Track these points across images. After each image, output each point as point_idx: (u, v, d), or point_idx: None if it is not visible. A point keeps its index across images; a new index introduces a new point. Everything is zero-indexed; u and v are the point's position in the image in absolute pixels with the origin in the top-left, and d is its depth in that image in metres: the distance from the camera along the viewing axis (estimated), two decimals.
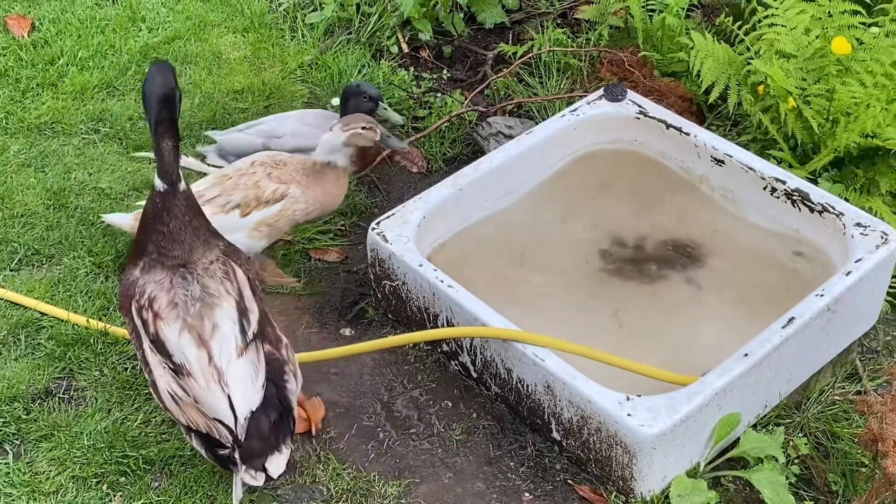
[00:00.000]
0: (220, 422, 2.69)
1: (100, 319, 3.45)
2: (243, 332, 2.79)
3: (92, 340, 3.39)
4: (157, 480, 3.03)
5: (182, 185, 2.86)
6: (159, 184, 2.84)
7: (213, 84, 4.52)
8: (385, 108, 3.93)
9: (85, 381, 3.30)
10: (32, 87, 4.46)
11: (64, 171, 4.06)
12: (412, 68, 4.70)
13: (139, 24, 4.81)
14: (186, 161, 3.99)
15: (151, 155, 4.06)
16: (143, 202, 3.62)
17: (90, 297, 3.55)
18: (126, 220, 3.55)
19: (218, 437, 2.70)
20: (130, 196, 3.95)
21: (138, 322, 2.83)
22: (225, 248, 2.96)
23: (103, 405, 3.21)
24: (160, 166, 2.83)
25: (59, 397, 3.25)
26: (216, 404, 2.69)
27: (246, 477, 2.72)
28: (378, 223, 3.46)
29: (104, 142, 4.23)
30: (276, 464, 2.74)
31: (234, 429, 2.68)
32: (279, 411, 2.78)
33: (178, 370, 2.73)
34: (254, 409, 2.71)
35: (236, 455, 2.70)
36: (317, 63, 4.65)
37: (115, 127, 4.27)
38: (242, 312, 2.82)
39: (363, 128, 3.47)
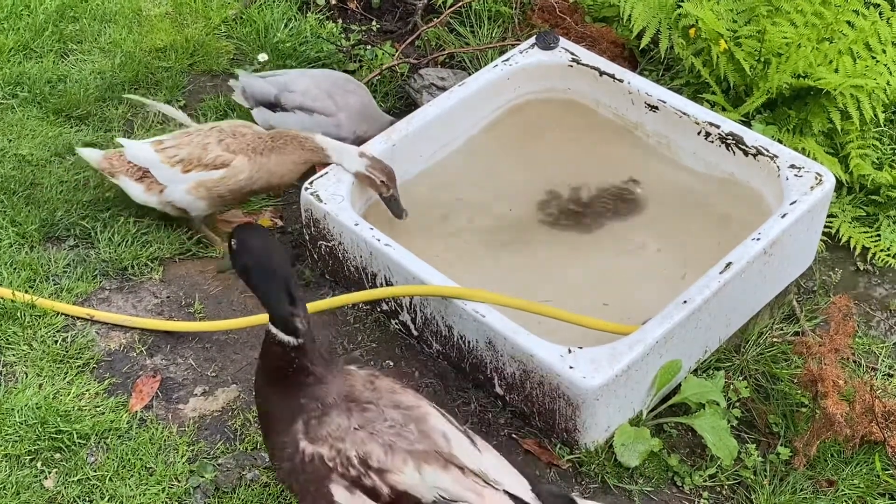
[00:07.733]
0: None
1: (26, 292, 3.34)
2: (453, 423, 2.52)
3: (19, 314, 3.29)
4: (93, 455, 2.95)
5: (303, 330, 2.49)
6: (290, 339, 2.46)
7: (133, 42, 4.37)
8: None
9: (13, 356, 3.20)
10: None
11: None
12: (340, 20, 4.59)
13: None
14: (161, 107, 3.88)
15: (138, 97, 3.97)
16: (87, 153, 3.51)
17: (15, 269, 3.44)
18: (97, 157, 3.57)
19: None
20: (52, 162, 3.81)
21: (357, 499, 2.43)
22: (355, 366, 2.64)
23: (34, 380, 3.12)
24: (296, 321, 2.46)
25: None
26: None
27: None
28: (311, 182, 3.38)
29: (23, 106, 4.07)
30: None
31: None
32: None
33: None
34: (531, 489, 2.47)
35: None
36: (241, 17, 4.52)
37: (33, 91, 4.12)
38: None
39: (381, 181, 3.37)
